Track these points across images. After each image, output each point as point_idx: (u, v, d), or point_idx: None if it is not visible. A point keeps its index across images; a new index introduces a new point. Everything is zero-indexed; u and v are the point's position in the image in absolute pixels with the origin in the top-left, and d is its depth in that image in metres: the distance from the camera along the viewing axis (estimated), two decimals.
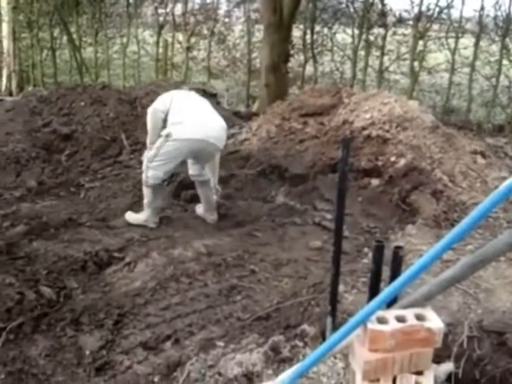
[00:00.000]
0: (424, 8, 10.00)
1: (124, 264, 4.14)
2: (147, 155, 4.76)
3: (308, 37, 11.28)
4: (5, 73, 12.42)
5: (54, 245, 4.44)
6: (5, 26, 12.10)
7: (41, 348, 3.15)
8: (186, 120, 4.65)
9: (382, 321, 1.70)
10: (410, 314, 1.72)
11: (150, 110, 4.76)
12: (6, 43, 12.22)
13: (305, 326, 3.18)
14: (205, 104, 4.95)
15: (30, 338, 3.26)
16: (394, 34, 10.91)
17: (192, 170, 4.96)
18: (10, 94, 11.79)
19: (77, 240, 4.56)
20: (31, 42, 13.57)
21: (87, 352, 3.16)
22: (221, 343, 3.16)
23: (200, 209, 5.17)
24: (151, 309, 3.55)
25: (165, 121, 4.71)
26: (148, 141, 4.81)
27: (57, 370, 3.00)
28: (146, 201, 4.88)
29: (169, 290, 3.75)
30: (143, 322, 3.41)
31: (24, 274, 3.91)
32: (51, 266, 4.04)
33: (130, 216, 4.96)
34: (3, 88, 12.34)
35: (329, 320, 2.92)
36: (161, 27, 12.69)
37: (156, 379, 2.95)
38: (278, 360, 2.95)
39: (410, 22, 10.48)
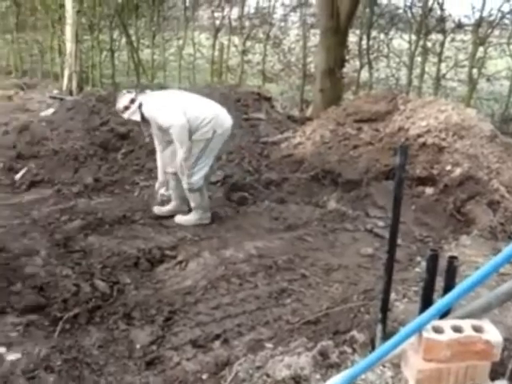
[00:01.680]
0: (485, 13, 9.75)
1: (176, 262, 4.22)
2: (186, 165, 4.83)
3: (364, 42, 11.19)
4: (66, 73, 12.79)
5: (108, 240, 4.57)
6: (68, 29, 12.48)
7: (94, 339, 3.24)
8: (210, 114, 4.84)
9: (437, 330, 1.68)
10: (466, 324, 1.69)
11: (176, 129, 4.72)
12: (68, 45, 12.59)
13: (354, 333, 3.15)
14: (192, 94, 5.23)
15: (84, 328, 3.37)
16: (453, 40, 10.67)
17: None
18: (70, 94, 12.14)
19: (130, 237, 4.68)
20: (92, 43, 13.99)
21: (138, 346, 3.22)
22: (269, 345, 3.17)
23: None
24: (201, 307, 3.59)
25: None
26: (183, 153, 4.78)
27: (109, 361, 3.07)
28: (194, 204, 5.00)
29: (219, 289, 3.79)
30: (193, 320, 3.45)
31: (80, 267, 4.05)
32: (106, 261, 4.16)
33: (181, 219, 5.05)
34: (64, 88, 12.71)
35: (379, 327, 2.88)
36: (217, 30, 12.85)
37: (204, 377, 2.98)
38: (326, 365, 2.92)
39: (470, 28, 10.23)
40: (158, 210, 5.19)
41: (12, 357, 3.01)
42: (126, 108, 4.96)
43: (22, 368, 2.91)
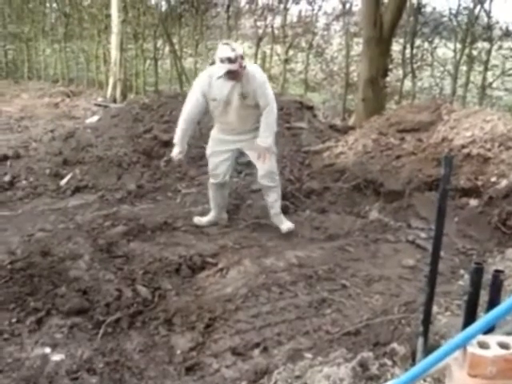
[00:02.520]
0: None
1: (217, 269, 4.24)
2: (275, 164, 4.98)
3: (407, 51, 11.09)
4: (111, 81, 13.07)
5: (150, 246, 4.64)
6: (114, 38, 12.76)
7: (135, 343, 3.30)
8: None
9: (483, 346, 1.64)
10: None
11: (274, 109, 4.69)
12: (113, 53, 12.87)
13: (394, 345, 3.11)
14: None
15: (126, 332, 3.42)
16: (500, 48, 10.47)
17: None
18: (115, 101, 12.39)
19: (172, 243, 4.73)
20: (136, 52, 14.27)
21: (178, 352, 3.26)
22: (309, 355, 3.15)
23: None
24: (241, 315, 3.61)
25: None
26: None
27: (149, 366, 3.12)
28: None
29: (259, 298, 3.80)
30: (233, 328, 3.47)
31: (122, 272, 4.12)
32: (147, 267, 4.22)
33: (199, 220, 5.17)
34: (108, 95, 12.98)
35: (420, 341, 2.84)
36: (259, 39, 12.92)
37: None
38: (365, 377, 2.89)
39: None
40: (197, 220, 5.22)
41: (56, 357, 3.10)
42: (241, 57, 4.55)
43: (66, 369, 2.99)
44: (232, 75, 4.52)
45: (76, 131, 7.67)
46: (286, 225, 4.98)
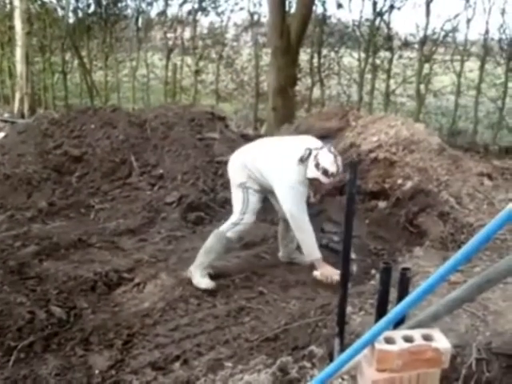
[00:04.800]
0: (429, 32, 10.13)
1: (133, 285, 4.19)
2: None
3: (315, 60, 11.43)
4: (17, 96, 12.58)
5: (64, 265, 4.50)
6: (18, 51, 12.31)
7: (51, 367, 3.18)
8: None
9: (389, 341, 1.73)
10: (417, 334, 1.75)
11: None
12: (19, 67, 12.41)
13: (313, 347, 3.19)
14: None
15: (40, 356, 3.29)
16: (400, 57, 11.04)
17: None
18: (22, 117, 11.93)
19: (87, 260, 4.62)
20: (43, 65, 13.85)
21: (97, 371, 3.18)
22: (229, 364, 3.18)
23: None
24: (160, 329, 3.58)
25: None
26: None
27: None
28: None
29: (177, 310, 3.79)
30: (152, 343, 3.43)
31: (35, 294, 3.96)
32: (61, 286, 4.09)
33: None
34: (15, 110, 12.49)
35: (337, 341, 2.93)
36: (170, 51, 12.87)
37: None
38: (286, 381, 2.95)
39: (416, 46, 10.60)
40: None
41: None
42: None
43: None
44: None
45: None
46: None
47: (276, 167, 4.15)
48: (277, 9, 9.69)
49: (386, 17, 10.62)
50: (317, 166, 4.01)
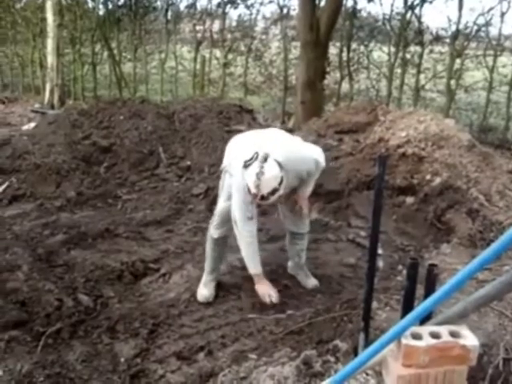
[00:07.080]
0: (462, 26, 9.96)
1: (159, 275, 4.22)
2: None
3: (344, 54, 11.34)
4: (48, 87, 12.75)
5: (91, 254, 4.56)
6: (49, 42, 12.46)
7: (78, 353, 3.23)
8: None
9: (416, 336, 1.71)
10: (444, 330, 1.72)
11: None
12: (50, 58, 12.56)
13: (337, 342, 3.18)
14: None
15: (67, 343, 3.35)
16: (431, 52, 10.88)
17: None
18: (52, 107, 12.10)
19: (113, 250, 4.67)
20: (73, 57, 14.02)
21: (122, 359, 3.22)
22: (253, 356, 3.18)
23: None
24: (185, 320, 3.61)
25: None
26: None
27: (93, 376, 3.06)
28: None
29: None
30: (177, 333, 3.46)
31: (63, 282, 4.03)
32: (89, 275, 4.15)
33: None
34: (46, 101, 12.67)
35: (361, 336, 2.92)
36: (199, 43, 12.92)
37: None
38: (309, 374, 2.95)
39: (447, 40, 10.43)
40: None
41: None
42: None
43: None
44: None
45: (12, 138, 7.46)
46: (312, 281, 4.12)
47: (233, 165, 3.65)
48: (306, 2, 9.63)
49: (417, 10, 10.48)
50: (244, 175, 3.43)
